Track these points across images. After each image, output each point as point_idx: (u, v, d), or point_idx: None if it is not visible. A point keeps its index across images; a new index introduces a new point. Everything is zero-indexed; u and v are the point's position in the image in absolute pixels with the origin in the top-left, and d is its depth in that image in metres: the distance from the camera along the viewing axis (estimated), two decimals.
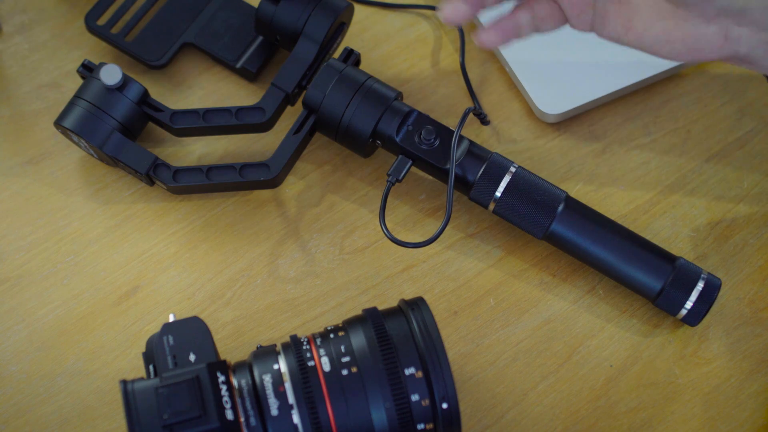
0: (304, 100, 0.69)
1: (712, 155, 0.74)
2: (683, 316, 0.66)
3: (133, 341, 0.67)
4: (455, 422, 0.54)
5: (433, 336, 0.55)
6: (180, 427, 0.51)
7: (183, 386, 0.52)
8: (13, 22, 0.77)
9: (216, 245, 0.70)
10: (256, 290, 0.69)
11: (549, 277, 0.70)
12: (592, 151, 0.74)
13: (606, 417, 0.66)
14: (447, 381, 0.54)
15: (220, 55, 0.74)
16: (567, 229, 0.66)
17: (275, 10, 0.71)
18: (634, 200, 0.72)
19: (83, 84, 0.69)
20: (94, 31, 0.74)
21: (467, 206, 0.71)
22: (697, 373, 0.67)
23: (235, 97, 0.75)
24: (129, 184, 0.72)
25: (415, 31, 0.78)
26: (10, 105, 0.74)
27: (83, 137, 0.67)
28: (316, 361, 0.55)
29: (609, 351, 0.68)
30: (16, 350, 0.67)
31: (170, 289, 0.69)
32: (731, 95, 0.75)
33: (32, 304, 0.68)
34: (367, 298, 0.69)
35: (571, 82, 0.74)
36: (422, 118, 0.68)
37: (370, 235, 0.71)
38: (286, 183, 0.72)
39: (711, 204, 0.72)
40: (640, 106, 0.75)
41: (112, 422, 0.65)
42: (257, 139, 0.74)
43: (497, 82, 0.76)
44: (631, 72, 0.74)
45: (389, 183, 0.67)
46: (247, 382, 0.54)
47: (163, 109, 0.70)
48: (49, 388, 0.66)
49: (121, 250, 0.70)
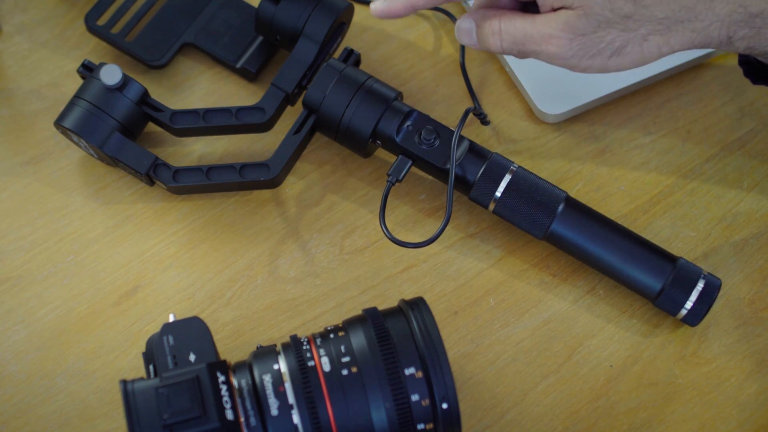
0: (304, 100, 0.69)
1: (712, 155, 0.74)
2: (683, 316, 0.66)
3: (133, 341, 0.67)
4: (455, 422, 0.54)
5: (433, 336, 0.55)
6: (180, 427, 0.51)
7: (183, 386, 0.52)
8: (13, 22, 0.77)
9: (216, 245, 0.70)
10: (256, 290, 0.69)
11: (549, 277, 0.70)
12: (592, 151, 0.74)
13: (606, 417, 0.66)
14: (447, 381, 0.54)
15: (220, 55, 0.74)
16: (567, 229, 0.66)
17: (275, 10, 0.71)
18: (634, 200, 0.72)
19: (83, 84, 0.69)
20: (94, 31, 0.74)
21: (467, 206, 0.71)
22: (697, 373, 0.67)
23: (235, 97, 0.75)
24: (129, 184, 0.72)
25: (415, 31, 0.78)
26: (10, 105, 0.74)
27: (83, 137, 0.67)
28: (316, 361, 0.55)
29: (609, 351, 0.68)
30: (16, 350, 0.67)
31: (170, 289, 0.69)
32: (731, 95, 0.75)
33: (32, 304, 0.68)
34: (367, 298, 0.69)
35: (571, 82, 0.73)
36: (422, 118, 0.68)
37: (370, 235, 0.71)
38: (286, 183, 0.72)
39: (711, 204, 0.72)
40: (640, 106, 0.75)
41: (112, 422, 0.65)
42: (257, 139, 0.74)
43: (497, 82, 0.76)
44: (631, 72, 0.74)
45: (389, 183, 0.67)
46: (247, 382, 0.54)
47: (163, 109, 0.70)
48: (49, 388, 0.66)
49: (121, 250, 0.70)
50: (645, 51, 0.61)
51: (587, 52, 0.60)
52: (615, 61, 0.61)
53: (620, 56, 0.61)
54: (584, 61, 0.61)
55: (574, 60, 0.61)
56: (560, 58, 0.61)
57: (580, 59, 0.61)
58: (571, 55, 0.61)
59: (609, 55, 0.61)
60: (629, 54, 0.61)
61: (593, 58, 0.61)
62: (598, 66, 0.61)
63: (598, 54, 0.61)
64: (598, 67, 0.61)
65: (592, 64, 0.61)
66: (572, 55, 0.61)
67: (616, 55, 0.61)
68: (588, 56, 0.61)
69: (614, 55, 0.61)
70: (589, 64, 0.61)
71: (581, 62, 0.61)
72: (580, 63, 0.61)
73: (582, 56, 0.61)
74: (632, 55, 0.61)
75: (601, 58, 0.61)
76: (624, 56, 0.61)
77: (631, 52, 0.61)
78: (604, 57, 0.61)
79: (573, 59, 0.61)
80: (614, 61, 0.61)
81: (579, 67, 0.62)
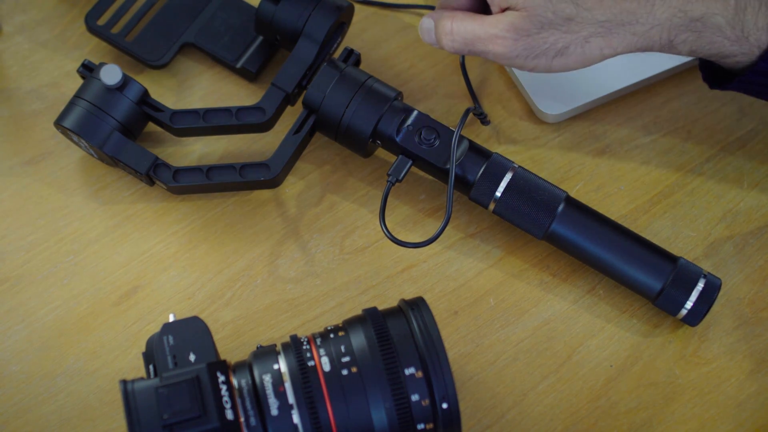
0: (304, 100, 0.69)
1: (712, 155, 0.74)
2: (683, 316, 0.66)
3: (133, 341, 0.67)
4: (455, 422, 0.54)
5: (433, 336, 0.55)
6: (180, 427, 0.51)
7: (183, 386, 0.52)
8: (13, 22, 0.77)
9: (216, 245, 0.70)
10: (256, 290, 0.69)
11: (549, 277, 0.70)
12: (592, 151, 0.74)
13: (606, 417, 0.66)
14: (447, 381, 0.54)
15: (220, 55, 0.75)
16: (567, 229, 0.66)
17: (275, 10, 0.71)
18: (634, 200, 0.72)
19: (83, 84, 0.69)
20: (94, 31, 0.74)
21: (467, 206, 0.71)
22: (697, 373, 0.67)
23: (235, 97, 0.75)
24: (129, 184, 0.72)
25: (415, 31, 0.78)
26: (10, 105, 0.74)
27: (83, 137, 0.67)
28: (316, 361, 0.55)
29: (609, 351, 0.68)
30: (16, 350, 0.67)
31: (170, 289, 0.69)
32: (731, 95, 0.75)
33: (32, 304, 0.68)
34: (367, 298, 0.69)
35: (571, 82, 0.73)
36: (422, 118, 0.68)
37: (370, 235, 0.71)
38: (286, 183, 0.72)
39: (711, 204, 0.72)
40: (640, 106, 0.75)
41: (112, 422, 0.65)
42: (257, 139, 0.74)
43: (497, 82, 0.76)
44: (631, 72, 0.74)
45: (389, 183, 0.67)
46: (247, 382, 0.54)
47: (163, 109, 0.70)
48: (49, 388, 0.66)
49: (121, 250, 0.70)
50: (587, 52, 0.63)
51: (531, 52, 0.63)
52: (558, 62, 0.63)
53: (563, 57, 0.63)
54: (529, 61, 0.63)
55: (519, 60, 0.63)
56: (506, 58, 0.63)
57: (525, 59, 0.63)
58: (515, 55, 0.63)
59: (552, 55, 0.63)
60: (572, 55, 0.63)
61: (538, 58, 0.63)
62: (543, 66, 0.64)
63: (543, 54, 0.63)
64: (543, 67, 0.64)
65: (538, 64, 0.63)
66: (517, 55, 0.63)
67: (559, 56, 0.63)
68: (532, 56, 0.63)
69: (557, 55, 0.63)
70: (534, 64, 0.63)
71: (526, 62, 0.63)
72: (526, 63, 0.63)
73: (527, 56, 0.63)
74: (575, 56, 0.63)
75: (546, 59, 0.63)
76: (567, 57, 0.63)
77: (573, 53, 0.63)
78: (548, 57, 0.63)
79: (518, 59, 0.63)
80: (558, 62, 0.63)
81: (525, 66, 0.64)
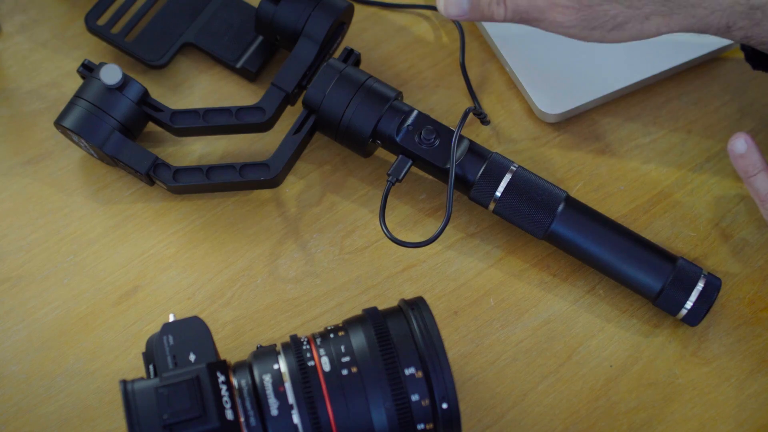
0: (304, 100, 0.69)
1: (712, 155, 0.74)
2: (683, 316, 0.66)
3: (133, 341, 0.67)
4: (455, 422, 0.54)
5: (433, 336, 0.55)
6: (180, 427, 0.51)
7: (183, 386, 0.52)
8: (13, 22, 0.77)
9: (216, 245, 0.70)
10: (256, 290, 0.69)
11: (549, 277, 0.70)
12: (592, 151, 0.74)
13: (606, 417, 0.66)
14: (447, 381, 0.54)
15: (220, 55, 0.75)
16: (567, 229, 0.66)
17: (275, 10, 0.71)
18: (634, 200, 0.72)
19: (83, 84, 0.69)
20: (94, 31, 0.74)
21: (467, 206, 0.71)
22: (697, 373, 0.67)
23: (235, 97, 0.75)
24: (129, 184, 0.72)
25: (415, 31, 0.78)
26: (10, 105, 0.74)
27: (83, 137, 0.67)
28: (316, 361, 0.55)
29: (609, 351, 0.68)
30: (16, 350, 0.66)
31: (170, 289, 0.69)
32: (731, 95, 0.75)
33: (32, 304, 0.68)
34: (367, 298, 0.69)
35: (571, 82, 0.74)
36: (422, 118, 0.68)
37: (370, 235, 0.71)
38: (286, 183, 0.72)
39: (711, 204, 0.72)
40: (640, 106, 0.75)
41: (112, 422, 0.65)
42: (257, 139, 0.74)
43: (497, 82, 0.76)
44: (631, 72, 0.74)
45: (389, 183, 0.67)
46: (247, 382, 0.54)
47: (163, 109, 0.70)
48: (49, 388, 0.66)
49: (121, 250, 0.70)
50: (645, 29, 0.62)
51: (590, 23, 0.62)
52: (613, 35, 0.63)
53: (620, 30, 0.62)
54: (584, 32, 0.63)
55: (575, 30, 0.62)
56: (563, 27, 0.62)
57: (581, 30, 0.62)
58: (573, 25, 0.62)
59: (609, 28, 0.62)
60: (629, 30, 0.62)
61: (594, 30, 0.62)
62: (596, 37, 0.63)
63: (600, 27, 0.62)
64: (597, 38, 0.63)
65: (591, 35, 0.63)
66: (575, 25, 0.62)
67: (616, 30, 0.62)
68: (589, 28, 0.62)
69: (614, 29, 0.62)
70: (588, 34, 0.63)
71: (581, 33, 0.63)
72: (580, 33, 0.63)
73: (584, 27, 0.62)
74: (632, 31, 0.63)
75: (602, 31, 0.62)
76: (624, 31, 0.62)
77: (631, 29, 0.62)
78: (605, 30, 0.62)
79: (574, 29, 0.62)
80: (613, 34, 0.63)
81: (578, 36, 0.63)
